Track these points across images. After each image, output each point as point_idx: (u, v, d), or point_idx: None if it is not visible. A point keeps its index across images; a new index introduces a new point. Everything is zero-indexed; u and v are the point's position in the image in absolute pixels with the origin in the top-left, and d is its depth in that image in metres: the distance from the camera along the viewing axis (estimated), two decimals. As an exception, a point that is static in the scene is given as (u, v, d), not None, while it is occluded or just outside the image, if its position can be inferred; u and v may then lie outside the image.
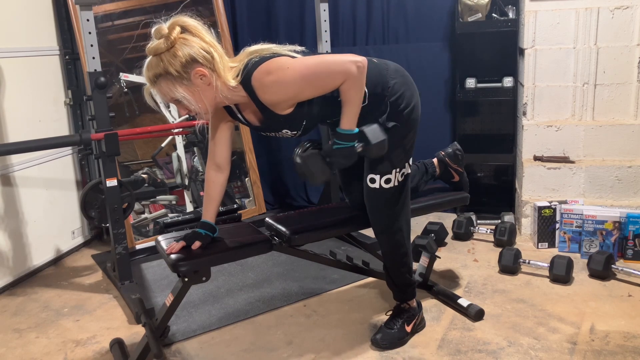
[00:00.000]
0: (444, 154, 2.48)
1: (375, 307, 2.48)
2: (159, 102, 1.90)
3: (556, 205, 3.04)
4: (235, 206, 2.94)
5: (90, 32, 2.49)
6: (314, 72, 1.78)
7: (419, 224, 3.16)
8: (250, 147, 3.70)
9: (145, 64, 1.74)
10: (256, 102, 1.82)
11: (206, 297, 2.64)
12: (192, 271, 1.92)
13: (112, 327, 2.43)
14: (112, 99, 2.91)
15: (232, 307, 2.53)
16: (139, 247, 3.20)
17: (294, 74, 1.76)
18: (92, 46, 2.50)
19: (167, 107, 3.28)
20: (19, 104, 2.93)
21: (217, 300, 2.61)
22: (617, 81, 3.06)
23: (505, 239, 3.06)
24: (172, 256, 1.90)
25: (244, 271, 2.91)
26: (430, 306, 2.46)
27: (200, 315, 2.48)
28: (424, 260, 2.56)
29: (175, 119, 3.35)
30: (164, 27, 1.70)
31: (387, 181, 2.01)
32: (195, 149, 3.53)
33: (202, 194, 3.15)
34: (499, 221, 3.22)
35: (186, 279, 1.94)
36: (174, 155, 3.47)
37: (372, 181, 2.03)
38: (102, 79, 2.51)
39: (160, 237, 2.08)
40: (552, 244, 3.06)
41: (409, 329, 2.20)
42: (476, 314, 2.33)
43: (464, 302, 2.39)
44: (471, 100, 3.48)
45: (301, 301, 2.57)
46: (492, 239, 3.16)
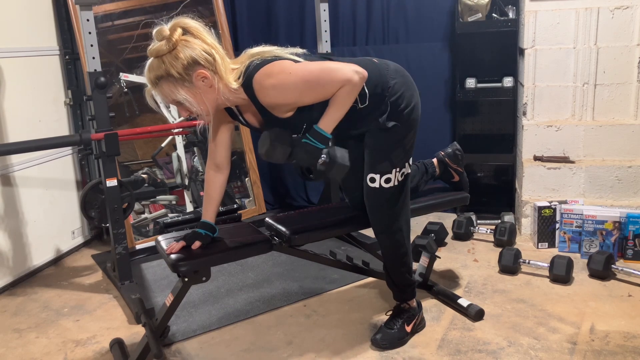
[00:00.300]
0: (443, 154, 2.48)
1: (375, 307, 2.48)
2: (159, 103, 1.90)
3: (556, 205, 3.04)
4: (235, 206, 2.95)
5: (90, 32, 2.49)
6: (315, 77, 1.78)
7: (419, 224, 3.16)
8: (250, 147, 3.70)
9: (146, 66, 1.74)
10: (256, 105, 1.82)
11: (206, 297, 2.64)
12: (192, 271, 1.92)
13: (112, 327, 2.43)
14: (112, 99, 2.91)
15: (232, 307, 2.53)
16: (139, 247, 3.20)
17: (295, 78, 1.75)
18: (92, 46, 2.50)
19: (167, 107, 3.28)
20: (19, 104, 2.93)
21: (217, 300, 2.61)
22: (617, 81, 3.06)
23: (505, 239, 3.06)
24: (172, 256, 1.90)
25: (244, 271, 2.91)
26: (430, 306, 2.46)
27: (200, 315, 2.47)
28: (424, 260, 2.56)
29: (175, 119, 3.35)
30: (166, 28, 1.69)
31: (387, 181, 2.01)
32: (195, 149, 3.53)
33: (202, 194, 3.15)
34: (499, 221, 3.22)
35: (186, 279, 1.95)
36: (174, 155, 3.47)
37: (372, 181, 2.03)
38: (102, 79, 2.51)
39: (160, 237, 2.08)
40: (552, 244, 3.06)
41: (409, 329, 2.20)
42: (476, 314, 2.33)
43: (464, 302, 2.39)
44: (471, 100, 3.48)
45: (301, 301, 2.57)
46: (492, 239, 3.16)
